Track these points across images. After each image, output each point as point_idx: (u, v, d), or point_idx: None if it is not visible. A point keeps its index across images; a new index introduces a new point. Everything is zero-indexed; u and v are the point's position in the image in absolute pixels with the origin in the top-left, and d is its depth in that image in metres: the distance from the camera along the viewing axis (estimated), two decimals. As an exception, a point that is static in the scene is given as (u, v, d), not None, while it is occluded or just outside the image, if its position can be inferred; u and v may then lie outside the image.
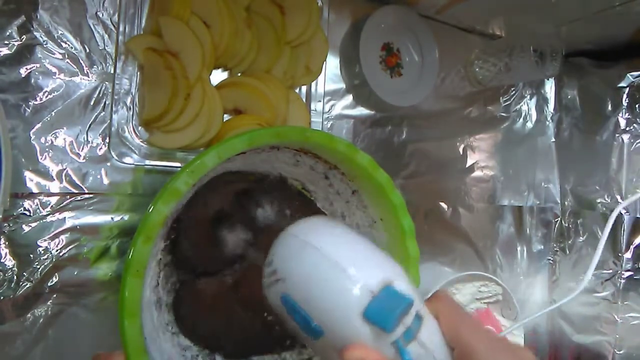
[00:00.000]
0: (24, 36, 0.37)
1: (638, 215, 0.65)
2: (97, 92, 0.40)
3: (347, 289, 0.23)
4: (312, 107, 0.50)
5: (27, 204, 0.37)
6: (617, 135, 0.67)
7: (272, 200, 0.43)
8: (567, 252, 0.72)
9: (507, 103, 0.70)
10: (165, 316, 0.38)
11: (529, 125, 0.72)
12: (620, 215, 0.65)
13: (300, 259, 0.25)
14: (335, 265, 0.24)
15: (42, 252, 0.37)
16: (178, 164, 0.42)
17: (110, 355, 0.30)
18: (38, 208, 0.37)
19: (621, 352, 0.64)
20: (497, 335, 0.27)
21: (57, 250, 0.38)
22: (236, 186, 0.41)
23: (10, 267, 0.36)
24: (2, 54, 0.36)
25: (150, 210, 0.31)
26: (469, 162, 0.65)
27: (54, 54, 0.38)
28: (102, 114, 0.40)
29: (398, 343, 0.23)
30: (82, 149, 0.39)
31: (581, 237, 0.71)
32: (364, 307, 0.23)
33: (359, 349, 0.23)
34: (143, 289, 0.34)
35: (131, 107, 0.40)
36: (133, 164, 0.41)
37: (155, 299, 0.38)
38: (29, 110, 0.37)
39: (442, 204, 0.62)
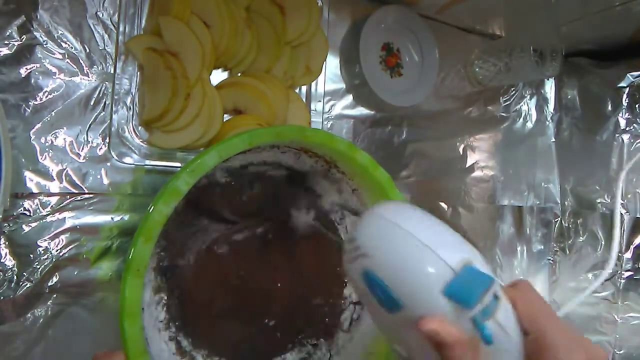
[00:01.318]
0: (24, 36, 0.37)
1: (638, 215, 0.65)
2: (97, 92, 0.40)
3: (430, 266, 0.25)
4: (312, 107, 0.50)
5: (27, 204, 0.37)
6: (617, 135, 0.67)
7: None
8: (567, 252, 0.72)
9: (507, 103, 0.70)
10: (165, 317, 0.38)
11: (529, 125, 0.72)
12: (620, 215, 0.65)
13: (386, 238, 0.26)
14: (419, 244, 0.25)
15: (42, 252, 0.37)
16: (178, 164, 0.42)
17: (111, 355, 0.30)
18: (38, 208, 0.37)
19: (621, 352, 0.64)
20: (573, 327, 0.27)
21: (57, 250, 0.38)
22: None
23: (10, 267, 0.36)
24: (2, 54, 0.36)
25: (150, 210, 0.31)
26: (469, 162, 0.65)
27: (54, 54, 0.38)
28: (102, 114, 0.40)
29: (477, 318, 0.24)
30: (82, 149, 0.39)
31: (581, 237, 0.71)
32: (445, 283, 0.24)
33: (436, 321, 0.24)
34: (143, 288, 0.34)
35: (131, 107, 0.40)
36: (133, 164, 0.41)
37: (157, 299, 0.38)
38: (29, 110, 0.37)
39: (442, 204, 0.62)
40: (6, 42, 0.36)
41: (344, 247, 0.29)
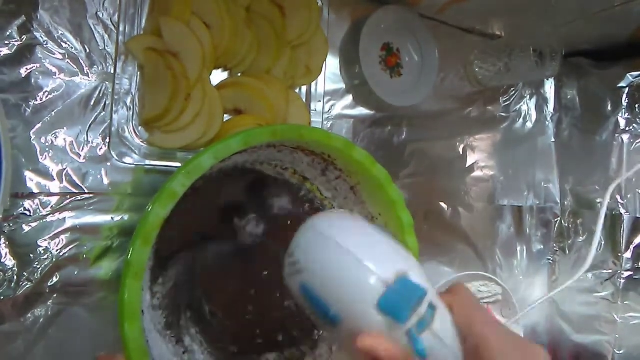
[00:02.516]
0: (24, 36, 0.37)
1: (638, 215, 0.65)
2: (98, 92, 0.40)
3: (363, 280, 0.25)
4: (312, 107, 0.50)
5: (27, 204, 0.37)
6: (616, 135, 0.67)
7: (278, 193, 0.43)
8: (567, 252, 0.72)
9: (506, 103, 0.70)
10: (164, 317, 0.38)
11: (529, 125, 0.72)
12: (620, 215, 0.66)
13: (319, 251, 0.26)
14: (352, 257, 0.25)
15: (42, 252, 0.37)
16: (178, 164, 0.42)
17: (112, 358, 0.30)
18: (38, 208, 0.37)
19: (621, 352, 0.64)
20: (509, 329, 0.27)
21: (57, 250, 0.38)
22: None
23: (11, 267, 0.36)
24: (2, 54, 0.36)
25: (147, 212, 0.31)
26: (469, 162, 0.65)
27: (54, 54, 0.38)
28: (102, 114, 0.40)
29: (411, 332, 0.24)
30: (83, 149, 0.39)
31: (581, 237, 0.71)
32: (378, 297, 0.24)
33: (371, 337, 0.24)
34: (143, 291, 0.34)
35: (131, 107, 0.41)
36: (133, 164, 0.41)
37: (157, 300, 0.38)
38: (29, 110, 0.37)
39: (442, 204, 0.62)
40: (6, 42, 0.36)
41: (284, 261, 0.28)
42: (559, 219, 0.73)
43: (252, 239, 0.41)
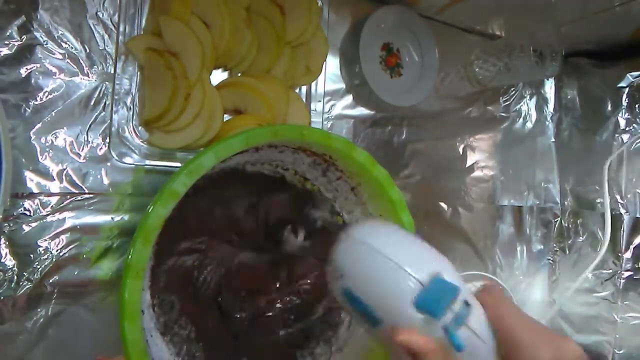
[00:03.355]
0: (24, 36, 0.37)
1: (638, 215, 0.65)
2: (98, 92, 0.40)
3: (400, 282, 0.27)
4: (312, 107, 0.50)
5: (27, 204, 0.37)
6: (616, 135, 0.67)
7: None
8: (567, 252, 0.72)
9: (507, 103, 0.70)
10: (165, 318, 0.38)
11: (529, 125, 0.72)
12: (620, 215, 0.66)
13: (359, 259, 0.29)
14: (390, 262, 0.27)
15: (43, 252, 0.37)
16: (178, 164, 0.42)
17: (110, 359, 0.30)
18: (38, 208, 0.37)
19: (621, 352, 0.64)
20: (539, 322, 0.28)
21: (57, 250, 0.38)
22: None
23: (11, 267, 0.36)
24: (2, 54, 0.36)
25: (148, 212, 0.31)
26: (469, 162, 0.65)
27: (54, 54, 0.38)
28: (102, 114, 0.40)
29: (448, 328, 0.25)
30: (83, 149, 0.39)
31: (581, 237, 0.71)
32: (415, 297, 0.26)
33: (407, 332, 0.25)
34: (143, 291, 0.34)
35: (131, 107, 0.40)
36: (133, 164, 0.41)
37: (156, 301, 0.38)
38: (29, 110, 0.37)
39: (442, 204, 0.62)
40: (6, 42, 0.36)
41: (326, 268, 0.31)
42: (559, 219, 0.73)
43: (301, 250, 0.42)
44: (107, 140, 0.40)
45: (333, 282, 0.30)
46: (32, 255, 0.37)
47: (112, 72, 0.40)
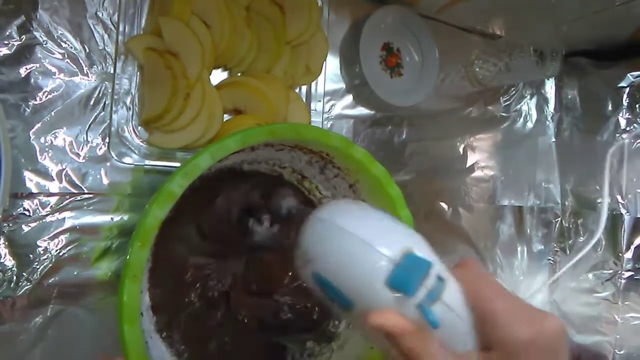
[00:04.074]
0: (24, 36, 0.37)
1: (638, 215, 0.65)
2: (97, 92, 0.40)
3: (370, 261, 0.25)
4: (312, 107, 0.50)
5: (26, 204, 0.37)
6: (617, 135, 0.67)
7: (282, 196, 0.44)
8: (568, 252, 0.72)
9: (507, 103, 0.70)
10: (163, 320, 0.38)
11: (529, 125, 0.72)
12: (620, 215, 0.65)
13: (325, 239, 0.27)
14: (357, 240, 0.26)
15: (42, 252, 0.37)
16: (178, 164, 0.42)
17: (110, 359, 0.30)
18: (38, 208, 0.37)
19: (621, 352, 0.64)
20: (519, 298, 0.27)
21: (56, 251, 0.38)
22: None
23: (10, 267, 0.36)
24: (1, 53, 0.36)
25: (145, 214, 0.31)
26: (469, 162, 0.65)
27: (53, 53, 0.38)
28: (101, 114, 0.40)
29: (422, 305, 0.24)
30: (82, 149, 0.39)
31: (581, 237, 0.71)
32: (387, 275, 0.25)
33: (381, 314, 0.24)
34: (142, 292, 0.34)
35: (131, 107, 0.40)
36: (133, 164, 0.41)
37: (156, 302, 0.38)
38: (29, 110, 0.37)
39: (442, 204, 0.62)
40: (6, 42, 0.36)
41: (294, 253, 0.29)
42: (560, 219, 0.73)
43: (269, 239, 0.41)
44: (107, 140, 0.40)
45: (302, 268, 0.28)
46: (31, 256, 0.37)
47: (112, 72, 0.40)
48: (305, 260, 0.28)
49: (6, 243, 0.36)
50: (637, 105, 0.67)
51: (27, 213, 0.37)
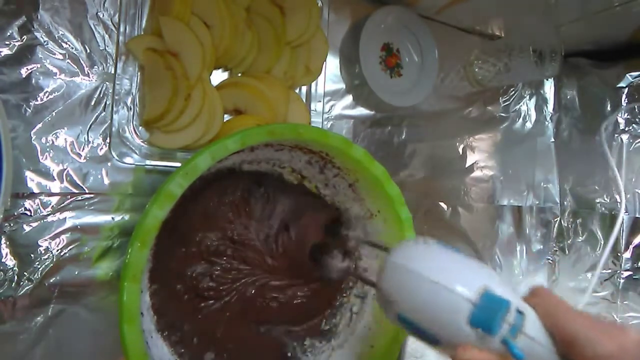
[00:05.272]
0: (25, 36, 0.37)
1: (637, 215, 0.65)
2: (98, 93, 0.40)
3: (450, 304, 0.27)
4: (312, 107, 0.50)
5: (27, 203, 0.37)
6: (616, 135, 0.67)
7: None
8: (567, 252, 0.72)
9: (506, 103, 0.70)
10: (164, 320, 0.38)
11: (529, 125, 0.72)
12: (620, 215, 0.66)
13: (406, 284, 0.29)
14: (436, 285, 0.28)
15: (43, 251, 0.37)
16: (178, 164, 0.42)
17: None
18: (39, 208, 0.37)
19: (620, 351, 0.64)
20: (593, 316, 0.28)
21: (57, 250, 0.38)
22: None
23: (11, 267, 0.36)
24: (3, 54, 0.36)
25: (145, 214, 0.31)
26: (469, 162, 0.65)
27: (54, 54, 0.38)
28: (102, 114, 0.40)
29: (506, 339, 0.26)
30: (83, 149, 0.39)
31: (580, 237, 0.71)
32: (468, 315, 0.27)
33: (468, 349, 0.26)
34: (141, 293, 0.34)
35: (132, 107, 0.41)
36: (134, 164, 0.41)
37: (155, 302, 0.38)
38: (30, 111, 0.37)
39: (442, 204, 0.62)
40: (7, 42, 0.36)
41: (376, 294, 0.32)
42: (559, 219, 0.73)
43: (339, 274, 0.42)
44: (108, 140, 0.40)
45: (385, 308, 0.31)
46: (32, 255, 0.37)
47: (113, 72, 0.40)
48: (387, 302, 0.30)
49: (7, 243, 0.36)
50: (636, 106, 0.67)
51: (28, 213, 0.37)
